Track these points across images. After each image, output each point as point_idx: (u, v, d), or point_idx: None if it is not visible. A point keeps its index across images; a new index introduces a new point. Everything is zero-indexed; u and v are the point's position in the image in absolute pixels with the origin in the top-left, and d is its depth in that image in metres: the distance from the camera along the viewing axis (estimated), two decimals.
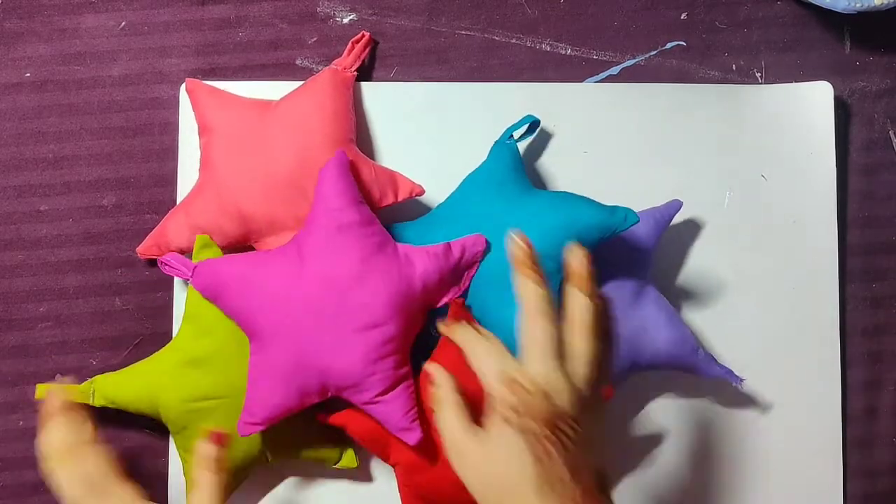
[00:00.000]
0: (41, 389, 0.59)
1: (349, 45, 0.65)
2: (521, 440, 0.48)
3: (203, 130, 0.63)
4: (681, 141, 0.66)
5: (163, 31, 0.67)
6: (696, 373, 0.61)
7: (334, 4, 0.67)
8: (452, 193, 0.63)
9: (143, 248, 0.63)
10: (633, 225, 0.58)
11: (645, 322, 0.60)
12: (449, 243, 0.59)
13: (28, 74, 0.66)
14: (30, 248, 0.65)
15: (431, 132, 0.66)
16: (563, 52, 0.67)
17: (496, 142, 0.63)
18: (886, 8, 0.64)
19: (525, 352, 0.50)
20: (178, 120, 0.66)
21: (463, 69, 0.67)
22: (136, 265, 0.65)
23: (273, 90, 0.65)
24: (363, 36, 0.65)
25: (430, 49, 0.67)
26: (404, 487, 0.60)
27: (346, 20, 0.67)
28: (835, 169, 0.66)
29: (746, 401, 0.65)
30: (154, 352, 0.62)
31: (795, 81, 0.67)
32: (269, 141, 0.61)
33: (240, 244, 0.62)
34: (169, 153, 0.66)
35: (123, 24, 0.67)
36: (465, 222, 0.60)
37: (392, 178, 0.62)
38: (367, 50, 0.66)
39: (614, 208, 0.59)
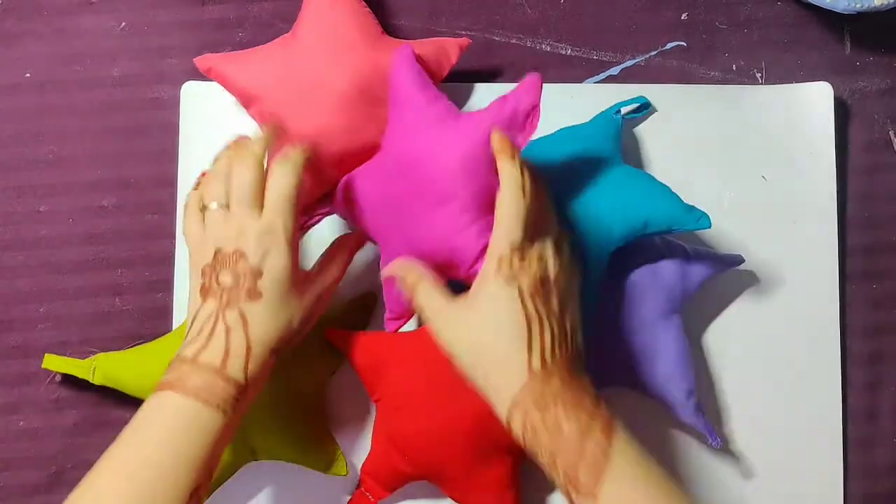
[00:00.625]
0: (48, 360, 0.61)
1: None
2: (514, 300, 0.49)
3: (248, 101, 0.62)
4: (681, 141, 0.66)
5: (163, 32, 0.67)
6: (678, 415, 0.61)
7: None
8: (541, 137, 0.63)
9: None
10: (703, 229, 0.59)
11: (656, 345, 0.60)
12: (503, 96, 0.56)
13: (28, 75, 0.66)
14: (30, 248, 0.65)
15: None
16: (564, 52, 0.67)
17: (601, 112, 0.64)
18: (886, 8, 0.64)
19: (508, 221, 0.51)
20: (179, 120, 0.66)
21: (462, 70, 0.67)
22: (136, 266, 0.65)
23: None
24: None
25: None
26: (379, 425, 0.61)
27: None
28: (835, 169, 0.66)
29: (747, 401, 0.65)
30: None
31: (795, 82, 0.67)
32: (313, 68, 0.60)
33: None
34: (169, 154, 0.66)
35: (123, 24, 0.67)
36: (549, 165, 0.60)
37: (440, 45, 0.62)
38: None
39: (692, 208, 0.59)
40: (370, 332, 0.61)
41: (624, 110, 0.64)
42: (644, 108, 0.65)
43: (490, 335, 0.49)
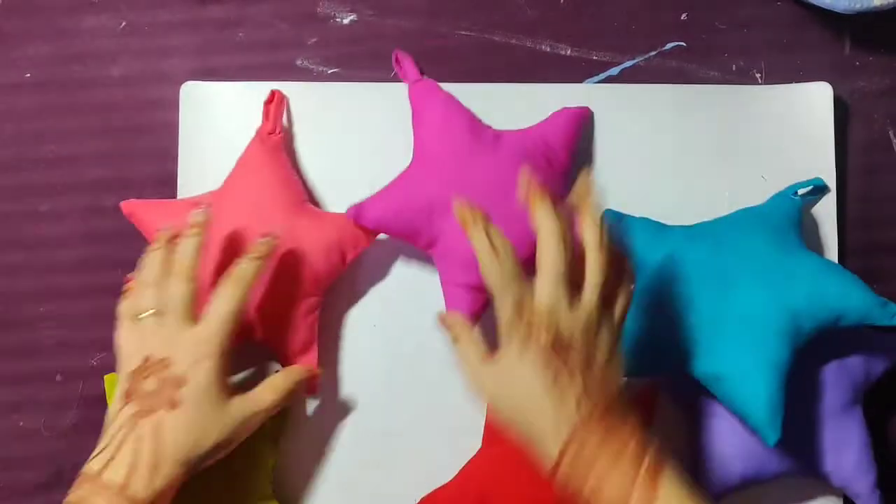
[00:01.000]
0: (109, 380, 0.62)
1: (263, 108, 0.64)
2: (534, 360, 0.49)
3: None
4: (681, 141, 0.66)
5: (163, 32, 0.67)
6: None
7: (334, 5, 0.67)
8: (723, 217, 0.63)
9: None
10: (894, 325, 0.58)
11: (843, 436, 0.60)
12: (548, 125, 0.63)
13: (28, 75, 0.67)
14: (30, 248, 0.65)
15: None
16: (563, 52, 0.67)
17: (779, 192, 0.63)
18: (886, 8, 0.64)
19: (537, 276, 0.51)
20: (179, 120, 0.66)
21: (462, 70, 0.67)
22: (137, 266, 0.65)
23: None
24: (273, 96, 0.64)
25: (430, 50, 0.67)
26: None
27: (346, 21, 0.67)
28: (835, 169, 0.66)
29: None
30: None
31: (795, 82, 0.67)
32: (237, 230, 0.59)
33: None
34: (169, 154, 0.66)
35: (123, 24, 0.67)
36: (728, 250, 0.59)
37: (353, 231, 0.61)
38: (283, 108, 0.64)
39: (886, 302, 0.58)
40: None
41: (801, 191, 0.64)
42: (820, 191, 0.65)
43: (524, 391, 0.50)
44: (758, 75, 0.68)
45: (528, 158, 0.61)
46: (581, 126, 0.64)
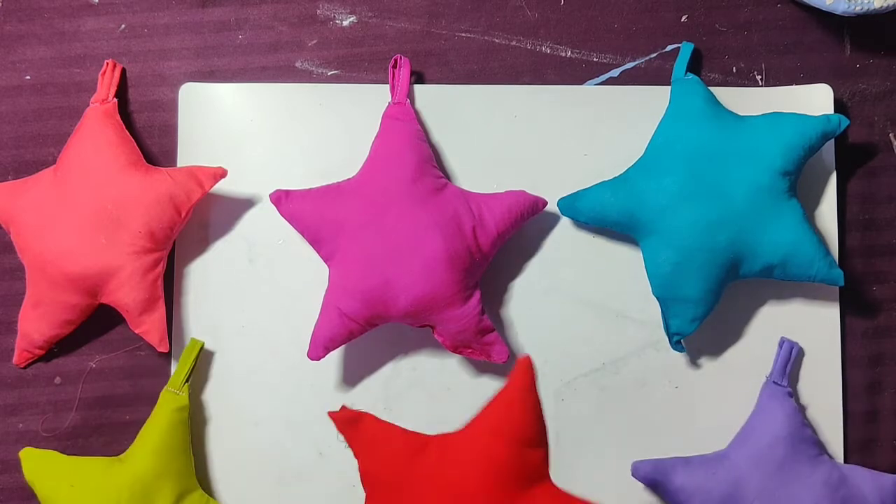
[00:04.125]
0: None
1: (99, 78, 0.65)
2: None
3: (7, 225, 0.63)
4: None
5: (163, 34, 0.67)
6: None
7: (334, 7, 0.67)
8: (650, 142, 0.63)
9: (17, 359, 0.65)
10: (845, 127, 0.62)
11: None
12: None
13: (28, 77, 0.66)
14: None
15: (432, 134, 0.66)
16: (564, 54, 0.67)
17: (674, 79, 0.64)
18: (886, 11, 0.64)
19: None
20: (178, 122, 0.66)
21: (463, 71, 0.67)
22: None
23: (271, 92, 0.65)
24: (106, 66, 0.65)
25: (430, 51, 0.67)
26: None
27: (346, 22, 0.67)
28: (835, 171, 0.66)
29: (747, 404, 0.65)
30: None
31: (796, 84, 0.67)
32: (71, 197, 0.61)
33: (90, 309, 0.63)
34: (169, 155, 0.66)
35: (123, 26, 0.67)
36: (683, 159, 0.61)
37: (192, 173, 0.62)
38: (117, 75, 0.65)
39: (827, 116, 0.62)
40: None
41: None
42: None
43: None
44: (758, 77, 0.68)
45: (454, 221, 0.60)
46: (529, 215, 0.63)
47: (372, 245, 0.59)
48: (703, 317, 0.62)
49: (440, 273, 0.59)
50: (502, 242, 0.62)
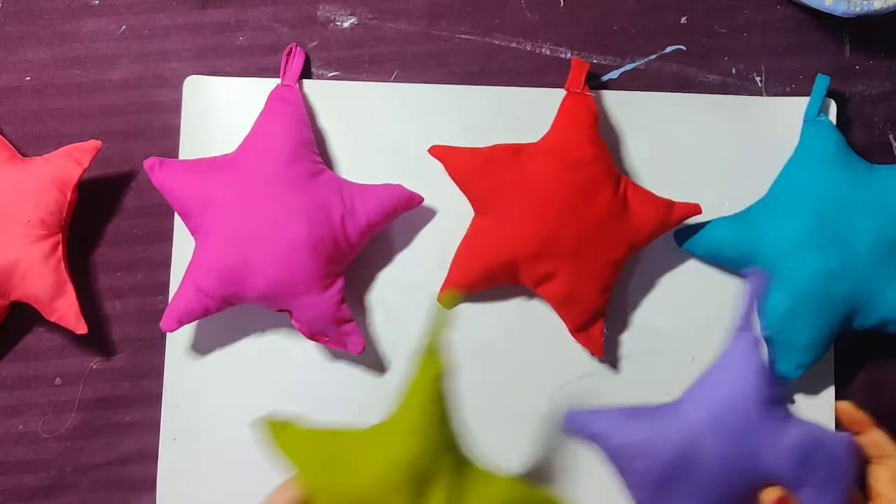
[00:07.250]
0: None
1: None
2: None
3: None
4: (680, 148, 0.66)
5: (163, 35, 0.67)
6: None
7: (335, 8, 0.67)
8: (775, 183, 0.63)
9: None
10: None
11: None
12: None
13: (28, 78, 0.66)
14: None
15: (432, 135, 0.65)
16: (564, 55, 0.67)
17: (806, 119, 0.63)
18: (886, 12, 0.64)
19: None
20: (180, 123, 0.66)
21: (463, 73, 0.67)
22: (137, 269, 0.65)
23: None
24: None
25: (431, 53, 0.67)
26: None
27: (346, 24, 0.67)
28: None
29: None
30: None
31: (795, 85, 0.67)
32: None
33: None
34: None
35: (124, 27, 0.67)
36: (810, 203, 0.60)
37: (70, 152, 0.62)
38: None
39: None
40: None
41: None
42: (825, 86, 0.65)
43: None
44: (758, 79, 0.68)
45: (323, 208, 0.60)
46: (403, 209, 0.62)
47: (235, 223, 0.59)
48: (810, 365, 0.61)
49: (300, 258, 0.59)
50: (372, 234, 0.62)
